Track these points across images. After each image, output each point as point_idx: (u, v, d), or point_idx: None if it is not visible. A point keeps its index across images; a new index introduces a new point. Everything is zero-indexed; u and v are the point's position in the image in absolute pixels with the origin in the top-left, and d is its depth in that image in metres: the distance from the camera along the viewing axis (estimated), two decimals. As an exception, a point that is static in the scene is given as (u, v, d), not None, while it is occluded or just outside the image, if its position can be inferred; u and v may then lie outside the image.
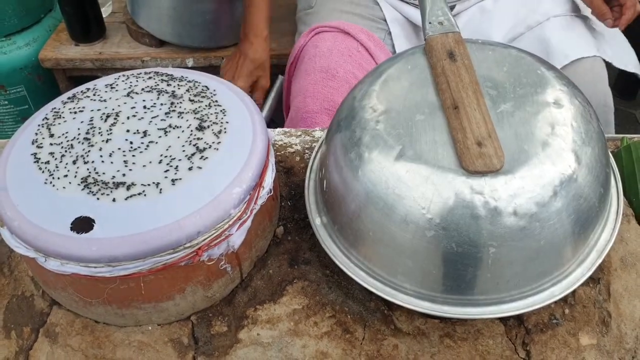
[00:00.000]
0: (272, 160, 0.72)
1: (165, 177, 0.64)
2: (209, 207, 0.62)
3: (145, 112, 0.72)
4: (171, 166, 0.66)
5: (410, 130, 0.62)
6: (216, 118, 0.71)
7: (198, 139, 0.69)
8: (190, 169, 0.65)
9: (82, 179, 0.64)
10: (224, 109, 0.73)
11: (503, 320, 0.68)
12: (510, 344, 0.67)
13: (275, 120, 1.36)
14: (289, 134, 0.92)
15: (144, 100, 0.74)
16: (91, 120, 0.71)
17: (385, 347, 0.66)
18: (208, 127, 0.70)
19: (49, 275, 0.65)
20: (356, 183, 0.63)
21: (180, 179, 0.64)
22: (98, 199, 0.62)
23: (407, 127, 0.62)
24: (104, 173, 0.65)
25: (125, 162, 0.66)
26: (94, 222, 0.61)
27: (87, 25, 1.51)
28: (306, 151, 0.88)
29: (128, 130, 0.70)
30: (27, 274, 0.75)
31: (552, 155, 0.59)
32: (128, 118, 0.71)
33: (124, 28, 1.58)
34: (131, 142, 0.68)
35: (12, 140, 0.72)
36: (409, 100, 0.65)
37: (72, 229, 0.61)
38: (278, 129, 0.94)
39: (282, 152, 0.88)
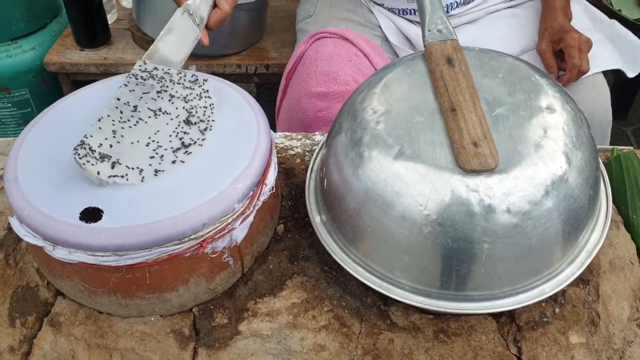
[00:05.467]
0: (274, 159, 0.75)
1: (150, 164, 0.67)
2: (214, 200, 0.64)
3: (137, 85, 0.75)
4: (157, 154, 0.68)
5: (409, 130, 0.65)
6: (204, 114, 0.74)
7: (185, 132, 0.71)
8: (174, 162, 0.68)
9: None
10: (212, 103, 0.76)
11: (495, 317, 0.70)
12: (502, 340, 0.69)
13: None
14: (290, 137, 0.94)
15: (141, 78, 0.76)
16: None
17: (381, 341, 0.68)
18: (195, 123, 0.73)
19: (56, 264, 0.66)
20: (356, 181, 0.65)
21: (163, 170, 0.67)
22: (84, 164, 0.64)
23: (406, 127, 0.65)
24: (91, 136, 0.67)
25: (114, 132, 0.69)
26: (102, 212, 0.63)
27: (92, 30, 1.54)
28: (306, 154, 0.91)
29: (119, 99, 0.72)
30: (32, 265, 0.76)
31: (544, 157, 0.62)
32: (120, 87, 0.75)
33: (129, 34, 1.60)
34: (121, 112, 0.71)
35: (22, 134, 0.74)
36: (408, 103, 0.68)
37: (81, 218, 0.63)
38: (279, 133, 0.96)
39: (283, 154, 0.91)
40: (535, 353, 0.68)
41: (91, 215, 0.63)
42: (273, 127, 0.78)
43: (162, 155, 0.68)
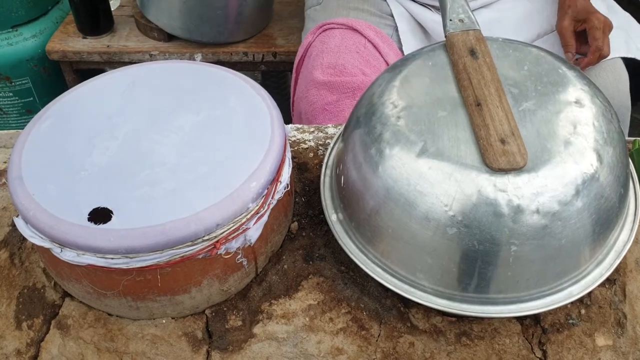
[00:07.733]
0: (288, 154, 0.72)
1: None
2: (227, 200, 0.62)
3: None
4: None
5: (432, 126, 0.62)
6: None
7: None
8: None
9: None
10: None
11: (520, 319, 0.67)
12: (527, 343, 0.66)
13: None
14: (302, 130, 0.91)
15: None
16: None
17: (401, 345, 0.66)
18: None
19: (63, 266, 0.64)
20: (376, 179, 0.63)
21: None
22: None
23: (429, 123, 0.62)
24: None
25: None
26: (112, 212, 0.60)
27: (95, 17, 1.50)
28: (320, 147, 0.88)
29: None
30: (39, 265, 0.74)
31: (574, 154, 0.59)
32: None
33: (133, 22, 1.57)
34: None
35: (26, 128, 0.71)
36: (430, 97, 0.65)
37: (89, 219, 0.60)
38: (291, 125, 0.93)
39: (296, 148, 0.88)
40: (560, 356, 0.65)
41: (100, 215, 0.60)
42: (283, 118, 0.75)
43: None
